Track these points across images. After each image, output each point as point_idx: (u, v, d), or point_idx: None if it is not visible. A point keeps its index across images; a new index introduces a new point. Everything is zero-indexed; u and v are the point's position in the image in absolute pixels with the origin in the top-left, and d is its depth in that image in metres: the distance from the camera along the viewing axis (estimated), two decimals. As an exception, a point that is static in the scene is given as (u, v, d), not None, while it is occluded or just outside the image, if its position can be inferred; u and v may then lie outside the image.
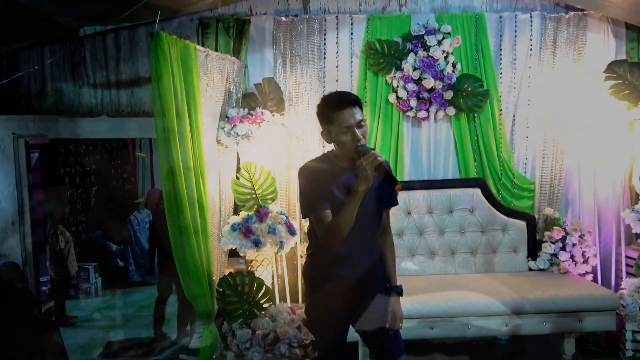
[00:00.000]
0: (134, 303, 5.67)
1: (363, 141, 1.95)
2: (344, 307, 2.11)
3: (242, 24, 3.76)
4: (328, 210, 1.95)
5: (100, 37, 3.87)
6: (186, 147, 2.86)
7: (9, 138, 4.23)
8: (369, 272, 2.11)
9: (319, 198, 1.97)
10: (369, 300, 2.13)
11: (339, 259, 2.05)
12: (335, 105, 1.96)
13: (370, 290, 2.13)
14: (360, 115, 1.96)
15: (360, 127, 1.95)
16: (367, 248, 2.10)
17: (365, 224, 2.03)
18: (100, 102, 3.91)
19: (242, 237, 3.07)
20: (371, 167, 1.83)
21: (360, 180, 1.86)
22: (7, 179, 4.26)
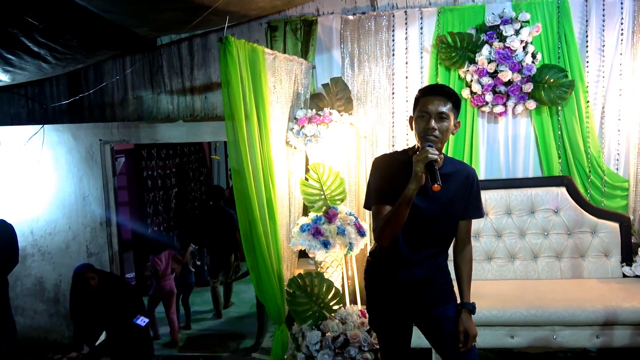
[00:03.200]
0: (207, 300, 5.87)
1: (436, 134, 1.84)
2: (403, 312, 2.04)
3: (309, 25, 3.76)
4: (386, 205, 1.88)
5: (176, 46, 4.05)
6: (255, 149, 2.89)
7: (96, 144, 4.54)
8: (431, 280, 2.02)
9: (380, 190, 1.92)
10: (434, 309, 2.04)
11: (398, 261, 1.98)
12: (423, 90, 1.94)
13: (434, 300, 2.04)
14: (444, 107, 1.86)
15: (440, 119, 1.85)
16: (430, 254, 2.00)
17: (430, 228, 1.94)
18: (176, 107, 4.08)
19: (311, 238, 3.06)
20: (421, 164, 1.73)
21: (411, 178, 1.77)
22: (96, 183, 4.58)
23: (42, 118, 4.33)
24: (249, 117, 2.87)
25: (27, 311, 4.67)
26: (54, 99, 4.24)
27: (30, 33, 2.76)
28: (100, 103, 4.19)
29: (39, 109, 4.32)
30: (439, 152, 1.85)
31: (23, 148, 4.56)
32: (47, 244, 4.65)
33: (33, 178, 4.59)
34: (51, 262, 4.66)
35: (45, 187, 4.60)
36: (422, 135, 1.85)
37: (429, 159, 1.72)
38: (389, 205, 1.86)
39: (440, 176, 1.73)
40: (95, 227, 4.57)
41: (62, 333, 4.73)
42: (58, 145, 4.55)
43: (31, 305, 4.71)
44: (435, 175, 1.72)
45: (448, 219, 1.98)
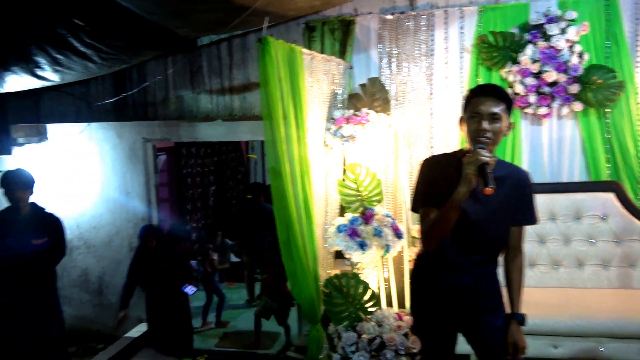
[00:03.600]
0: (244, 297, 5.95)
1: (489, 136, 1.78)
2: (448, 317, 1.99)
3: (347, 25, 3.75)
4: (433, 208, 1.83)
5: (215, 46, 4.12)
6: (292, 149, 2.91)
7: (139, 142, 4.67)
8: (479, 288, 1.96)
9: (428, 193, 1.87)
10: (480, 317, 1.97)
11: (445, 265, 1.93)
12: (475, 90, 1.88)
13: (481, 308, 1.97)
14: (496, 108, 1.79)
15: (493, 121, 1.78)
16: (479, 260, 1.94)
17: (479, 234, 1.88)
18: (215, 107, 4.15)
19: (347, 239, 3.05)
20: (472, 166, 1.67)
21: (461, 181, 1.71)
22: (138, 179, 4.72)
23: (89, 116, 4.49)
24: (287, 117, 2.88)
25: (73, 301, 4.85)
26: (99, 97, 4.39)
27: (78, 34, 2.87)
28: (143, 102, 4.31)
29: (85, 107, 4.48)
30: (491, 154, 1.78)
31: (70, 145, 4.75)
32: (92, 238, 4.82)
33: (79, 174, 4.77)
34: (96, 255, 4.84)
35: (91, 182, 4.78)
36: (474, 137, 1.79)
37: (481, 161, 1.66)
38: (437, 209, 1.81)
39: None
40: (137, 222, 4.70)
41: (105, 324, 4.90)
42: (103, 142, 4.72)
43: (77, 295, 4.90)
44: (487, 178, 1.66)
45: (498, 224, 1.91)
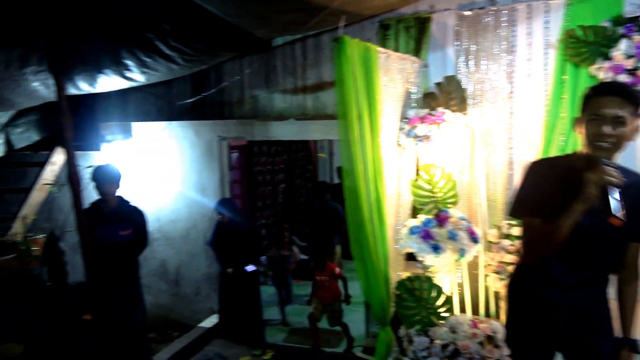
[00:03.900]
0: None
1: (610, 141, 1.60)
2: (548, 335, 1.84)
3: (422, 22, 3.67)
4: (536, 219, 1.68)
5: (290, 47, 4.18)
6: (366, 149, 2.89)
7: (215, 140, 4.86)
8: (586, 309, 1.79)
9: (533, 200, 1.71)
10: (586, 340, 1.81)
11: (549, 280, 1.77)
12: (597, 88, 1.69)
13: (588, 331, 1.81)
14: (622, 111, 1.59)
15: (616, 124, 1.59)
16: (588, 278, 1.77)
17: (590, 249, 1.72)
18: (289, 106, 4.22)
19: (420, 242, 2.99)
20: (595, 188, 1.50)
21: (580, 199, 1.53)
22: (213, 176, 4.90)
23: (170, 115, 4.73)
24: (361, 117, 2.86)
25: (152, 290, 5.14)
26: (180, 97, 4.60)
27: (164, 38, 3.02)
28: (220, 101, 4.47)
29: (167, 106, 4.72)
30: (610, 159, 1.59)
31: (152, 142, 5.02)
32: (171, 230, 5.08)
33: (160, 169, 5.04)
34: (174, 247, 5.09)
35: (170, 178, 5.03)
36: (593, 142, 1.62)
37: (606, 182, 1.47)
38: (542, 219, 1.66)
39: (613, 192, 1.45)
40: (212, 217, 4.89)
41: (181, 312, 5.15)
42: (182, 140, 4.95)
43: (155, 284, 5.18)
44: (613, 204, 1.45)
45: (615, 239, 1.73)
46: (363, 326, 4.65)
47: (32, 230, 4.59)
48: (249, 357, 4.32)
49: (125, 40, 3.01)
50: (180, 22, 2.91)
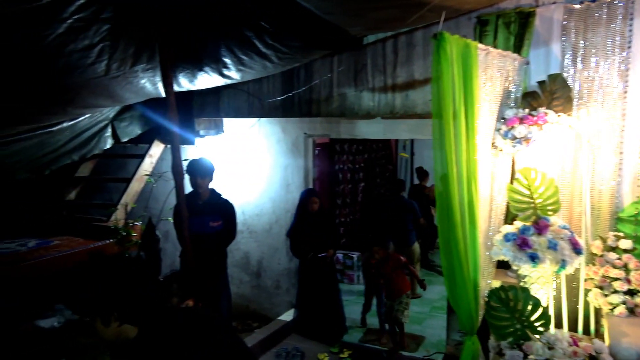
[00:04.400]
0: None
1: None
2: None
3: (525, 17, 3.46)
4: None
5: (380, 44, 4.13)
6: (461, 150, 2.77)
7: (301, 137, 4.93)
8: None
9: None
10: None
11: None
12: None
13: None
14: None
15: None
16: None
17: None
18: (377, 105, 4.17)
19: (516, 250, 2.82)
20: None
21: None
22: (298, 173, 4.98)
23: (260, 112, 4.85)
24: (457, 116, 2.75)
25: (234, 280, 5.33)
26: (269, 94, 4.71)
27: (262, 36, 3.10)
28: (308, 99, 4.52)
29: (257, 103, 4.85)
30: None
31: (242, 137, 5.20)
32: (254, 224, 5.23)
33: (248, 164, 5.21)
34: (257, 240, 5.24)
35: (256, 173, 5.18)
36: None
37: None
38: None
39: None
40: (294, 211, 4.98)
41: (261, 304, 5.30)
42: (270, 136, 5.08)
43: (238, 275, 5.37)
44: None
45: None
46: (443, 332, 4.51)
47: (130, 218, 4.93)
48: (327, 354, 4.34)
49: (226, 39, 3.13)
50: (278, 20, 2.97)
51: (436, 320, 5.32)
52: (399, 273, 4.56)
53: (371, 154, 7.77)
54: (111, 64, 2.65)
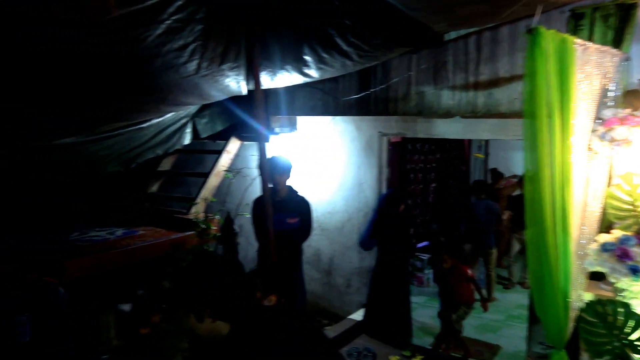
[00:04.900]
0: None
1: None
2: None
3: (626, 9, 3.20)
4: None
5: (463, 41, 3.98)
6: (554, 152, 2.61)
7: (375, 136, 4.87)
8: None
9: None
10: None
11: None
12: None
13: None
14: None
15: None
16: None
17: None
18: (457, 103, 4.04)
19: (614, 261, 2.62)
20: None
21: None
22: (371, 172, 4.93)
23: (334, 110, 4.86)
24: (551, 116, 2.59)
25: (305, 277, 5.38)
26: (345, 93, 4.70)
27: (345, 34, 3.08)
28: (385, 97, 4.46)
29: (332, 101, 4.85)
30: None
31: (315, 136, 5.23)
32: (327, 222, 5.25)
33: (321, 162, 5.23)
34: (328, 238, 5.26)
35: (329, 171, 5.19)
36: None
37: None
38: None
39: None
40: (368, 212, 4.93)
41: (331, 302, 5.31)
42: (343, 135, 5.07)
43: (309, 272, 5.41)
44: None
45: None
46: (521, 343, 4.30)
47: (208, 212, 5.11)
48: (399, 357, 4.26)
49: (309, 37, 3.15)
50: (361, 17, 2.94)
51: (513, 329, 5.08)
52: (463, 284, 4.41)
53: (444, 154, 7.56)
54: (202, 63, 2.75)
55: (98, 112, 2.78)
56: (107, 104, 2.70)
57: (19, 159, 3.04)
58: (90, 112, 2.72)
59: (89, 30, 2.07)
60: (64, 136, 2.89)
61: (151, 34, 2.20)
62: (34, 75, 2.18)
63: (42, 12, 1.84)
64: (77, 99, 2.51)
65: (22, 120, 2.51)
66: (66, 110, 2.55)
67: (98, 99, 2.62)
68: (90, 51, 2.10)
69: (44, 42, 1.94)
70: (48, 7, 1.81)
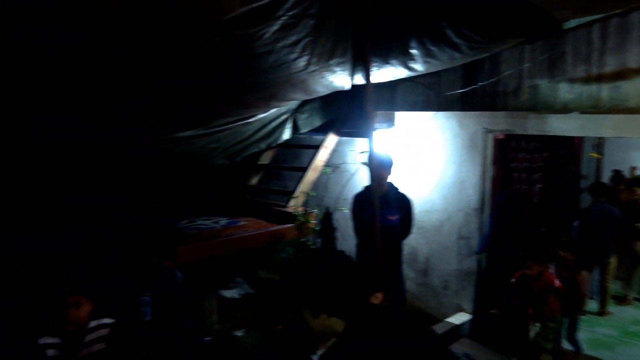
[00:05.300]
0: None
1: None
2: None
3: None
4: None
5: (585, 29, 3.64)
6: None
7: (480, 132, 4.65)
8: None
9: None
10: None
11: None
12: None
13: None
14: None
15: None
16: None
17: None
18: (577, 97, 3.71)
19: None
20: None
21: None
22: (474, 170, 4.71)
23: (436, 105, 4.69)
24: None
25: (400, 275, 5.30)
26: (448, 87, 4.52)
27: (456, 25, 2.95)
28: (492, 91, 4.22)
29: (434, 96, 4.70)
30: None
31: (414, 132, 5.10)
32: (424, 220, 5.11)
33: (419, 159, 5.10)
34: (425, 237, 5.12)
35: (428, 168, 5.05)
36: None
37: None
38: None
39: None
40: (469, 212, 4.74)
41: (427, 303, 5.18)
42: (445, 131, 4.89)
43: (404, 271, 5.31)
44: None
45: None
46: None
47: (305, 206, 5.20)
48: (501, 365, 4.05)
49: (417, 29, 3.06)
50: (475, 6, 2.79)
51: (631, 348, 4.62)
52: (548, 295, 3.96)
53: (552, 153, 7.02)
54: (312, 58, 2.77)
55: (215, 107, 2.92)
56: (223, 100, 2.83)
57: (153, 151, 3.29)
58: (208, 108, 2.87)
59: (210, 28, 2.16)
60: (184, 129, 3.08)
61: (268, 30, 2.26)
62: (172, 74, 2.34)
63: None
64: (199, 95, 2.66)
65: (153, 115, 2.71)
66: (188, 105, 2.71)
67: (215, 95, 2.75)
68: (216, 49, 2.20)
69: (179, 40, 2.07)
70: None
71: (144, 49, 2.14)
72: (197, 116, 3.01)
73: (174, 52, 2.21)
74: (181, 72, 2.40)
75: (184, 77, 2.43)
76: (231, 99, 2.92)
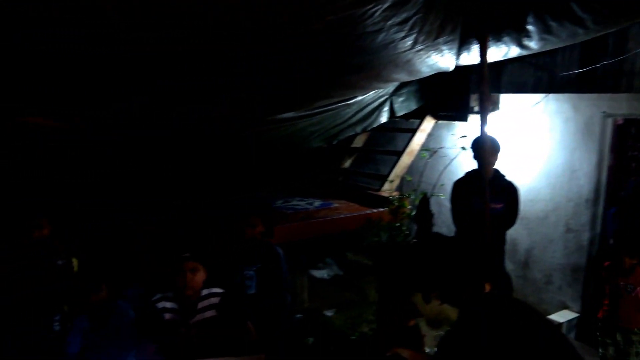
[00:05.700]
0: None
1: None
2: None
3: None
4: None
5: None
6: None
7: (597, 117, 4.25)
8: None
9: None
10: None
11: None
12: None
13: None
14: None
15: None
16: None
17: None
18: None
19: None
20: None
21: None
22: (589, 158, 4.33)
23: (548, 87, 4.36)
24: None
25: (499, 267, 5.04)
26: (564, 67, 4.16)
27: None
28: (617, 71, 3.82)
29: (546, 77, 4.36)
30: None
31: (520, 115, 4.78)
32: (526, 210, 4.78)
33: (524, 144, 4.77)
34: (527, 228, 4.81)
35: (534, 155, 4.71)
36: None
37: None
38: None
39: None
40: (580, 203, 4.37)
41: (526, 297, 4.89)
42: (555, 115, 4.53)
43: (503, 262, 5.06)
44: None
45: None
46: None
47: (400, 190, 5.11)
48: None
49: (536, 4, 2.82)
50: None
51: None
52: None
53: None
54: (419, 37, 2.67)
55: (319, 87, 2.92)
56: (327, 80, 2.82)
57: (259, 134, 3.41)
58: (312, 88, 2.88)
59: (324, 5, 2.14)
60: (287, 110, 3.12)
61: (380, 7, 2.19)
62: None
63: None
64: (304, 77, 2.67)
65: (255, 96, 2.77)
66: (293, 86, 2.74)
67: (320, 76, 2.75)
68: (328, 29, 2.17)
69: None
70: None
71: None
72: (301, 97, 3.04)
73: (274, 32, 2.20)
74: (285, 55, 2.42)
75: (279, 61, 2.44)
76: (336, 80, 2.91)
